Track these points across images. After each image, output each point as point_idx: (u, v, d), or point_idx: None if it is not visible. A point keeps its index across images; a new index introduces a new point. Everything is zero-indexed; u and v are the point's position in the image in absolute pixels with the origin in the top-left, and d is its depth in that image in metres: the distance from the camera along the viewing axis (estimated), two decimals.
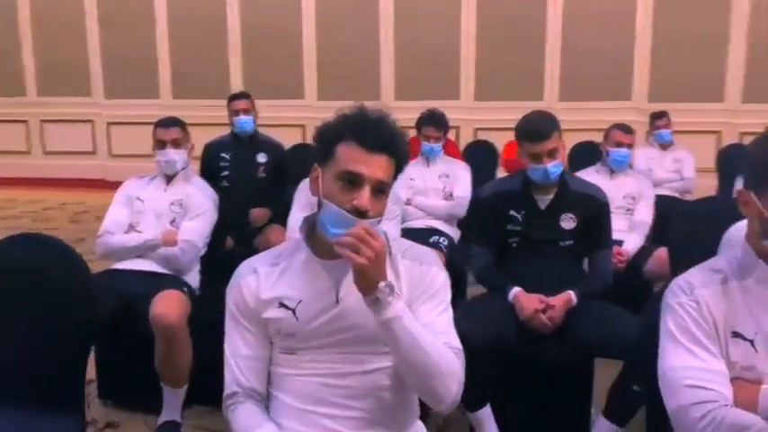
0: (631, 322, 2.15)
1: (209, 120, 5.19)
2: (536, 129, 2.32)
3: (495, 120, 6.96)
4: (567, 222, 2.36)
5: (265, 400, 1.40)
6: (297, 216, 2.65)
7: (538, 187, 2.37)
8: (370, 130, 1.29)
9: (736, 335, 1.23)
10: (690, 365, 1.22)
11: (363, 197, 1.25)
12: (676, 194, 4.56)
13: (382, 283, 1.21)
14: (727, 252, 1.38)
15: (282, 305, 1.35)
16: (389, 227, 2.58)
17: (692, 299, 1.26)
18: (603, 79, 7.32)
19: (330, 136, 1.33)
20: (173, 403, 2.37)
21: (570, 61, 7.42)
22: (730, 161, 5.22)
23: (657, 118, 4.89)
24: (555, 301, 2.23)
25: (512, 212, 2.39)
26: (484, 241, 2.48)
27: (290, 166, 3.88)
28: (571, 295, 2.25)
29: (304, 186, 2.69)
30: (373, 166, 1.27)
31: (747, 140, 6.54)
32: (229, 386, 1.39)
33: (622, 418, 2.15)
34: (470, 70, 7.69)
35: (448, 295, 1.39)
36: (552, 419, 2.28)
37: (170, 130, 2.75)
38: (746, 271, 1.27)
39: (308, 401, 1.34)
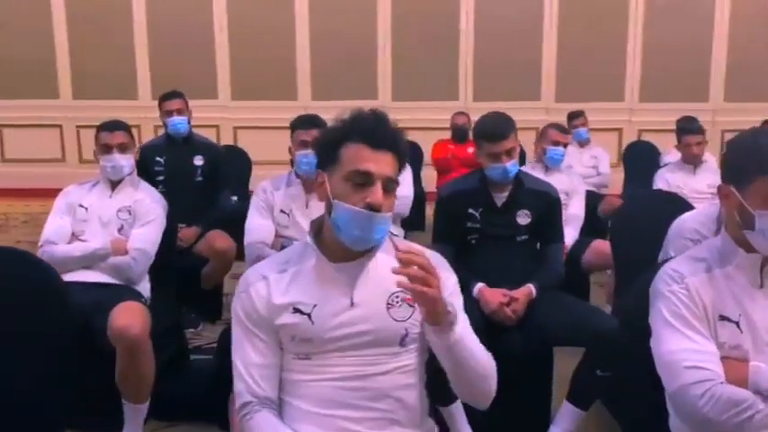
0: (591, 311, 2.28)
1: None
2: (495, 129, 2.42)
3: (415, 119, 7.08)
4: (523, 218, 2.47)
5: (278, 408, 1.38)
6: (257, 221, 2.60)
7: (495, 185, 2.46)
8: (374, 129, 1.31)
9: (723, 318, 1.36)
10: (686, 348, 1.33)
11: (376, 193, 1.28)
12: (594, 189, 4.85)
13: (451, 308, 1.25)
14: (707, 242, 1.51)
15: (297, 310, 1.34)
16: None
17: (682, 286, 1.37)
18: (514, 80, 7.65)
19: (333, 140, 1.34)
20: (135, 419, 2.26)
21: (483, 63, 7.70)
22: (635, 157, 5.63)
23: (575, 117, 5.17)
24: (517, 294, 2.33)
25: (470, 210, 2.48)
26: (445, 239, 2.55)
27: (227, 170, 3.79)
28: (531, 288, 2.36)
29: (263, 188, 2.65)
30: (381, 163, 1.29)
31: (646, 137, 7.08)
32: (242, 396, 1.36)
33: (586, 401, 2.28)
34: (387, 69, 7.79)
35: (460, 299, 1.43)
36: (517, 406, 2.38)
37: (116, 134, 2.62)
38: (727, 259, 1.39)
39: (326, 406, 1.34)
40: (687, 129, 3.87)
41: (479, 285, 2.36)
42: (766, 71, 7.49)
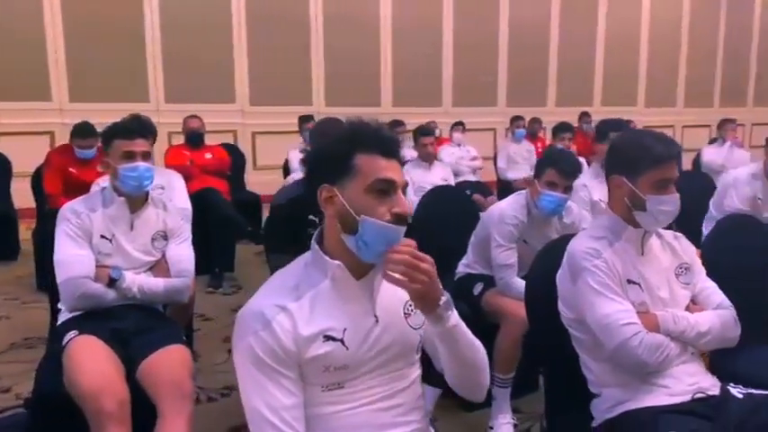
0: None
1: None
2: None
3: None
4: None
5: None
6: (71, 252, 2.11)
7: None
8: (383, 138, 1.28)
9: (630, 281, 1.70)
10: (617, 310, 1.63)
11: (404, 202, 1.26)
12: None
13: (443, 300, 1.24)
14: (596, 222, 1.85)
15: (329, 338, 1.24)
16: None
17: (601, 260, 1.67)
18: (206, 83, 7.53)
19: (342, 151, 1.26)
20: None
21: (173, 66, 7.40)
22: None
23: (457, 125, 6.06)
24: None
25: (310, 217, 2.46)
26: (285, 249, 2.47)
27: None
28: None
29: (73, 211, 2.17)
30: (396, 170, 1.27)
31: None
32: None
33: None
34: (62, 70, 6.91)
35: None
36: None
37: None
38: (617, 234, 1.74)
39: None
40: (423, 131, 4.43)
41: None
42: (428, 77, 8.93)
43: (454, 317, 1.27)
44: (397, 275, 1.19)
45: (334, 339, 1.24)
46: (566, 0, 9.80)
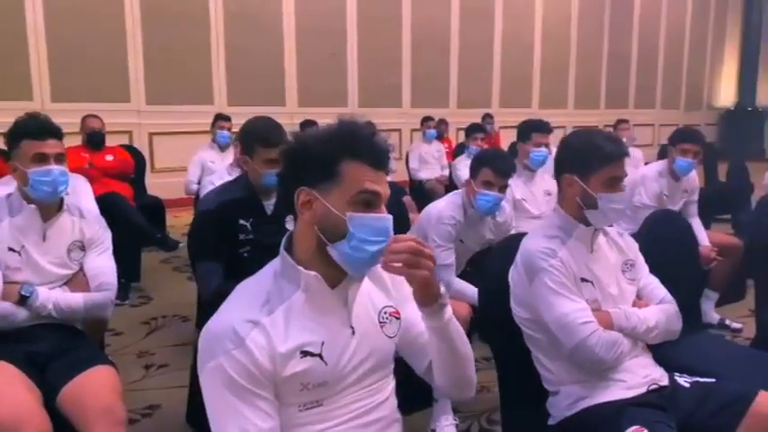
0: None
1: None
2: (272, 134, 2.32)
3: None
4: (291, 224, 2.44)
5: None
6: None
7: (263, 192, 2.37)
8: (374, 148, 1.19)
9: (583, 279, 1.72)
10: (575, 309, 1.64)
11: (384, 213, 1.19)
12: None
13: (443, 289, 1.19)
14: (547, 222, 1.85)
15: (306, 353, 1.15)
16: None
17: (557, 260, 1.68)
18: (97, 81, 7.08)
19: (329, 154, 1.16)
20: None
21: (60, 62, 6.87)
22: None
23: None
24: None
25: (241, 221, 2.34)
26: (214, 256, 2.33)
27: None
28: None
29: None
30: (382, 183, 1.19)
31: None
32: None
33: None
34: None
35: None
36: None
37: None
38: (569, 232, 1.76)
39: None
40: None
41: None
42: (334, 77, 8.83)
43: (449, 309, 1.23)
44: (398, 265, 1.12)
45: (312, 355, 1.15)
46: (465, 1, 10.06)
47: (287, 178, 1.22)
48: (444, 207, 2.61)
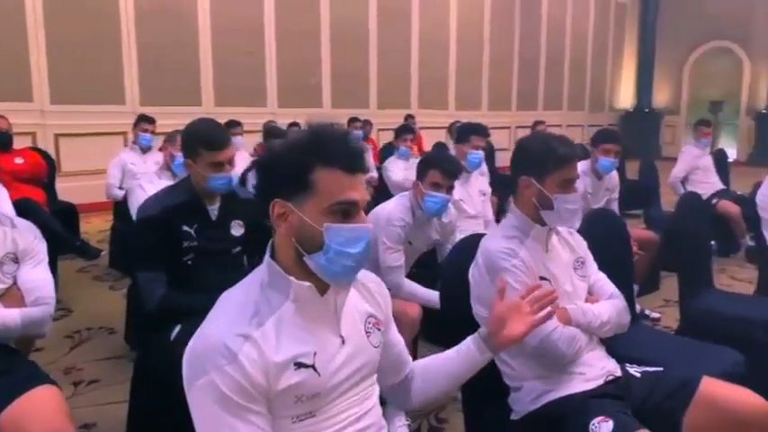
0: None
1: None
2: (217, 137, 2.25)
3: None
4: (237, 229, 2.39)
5: None
6: None
7: (207, 196, 2.30)
8: (347, 151, 1.15)
9: (542, 278, 1.77)
10: None
11: (365, 222, 1.17)
12: None
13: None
14: (504, 222, 1.89)
15: (300, 365, 1.12)
16: None
17: (519, 260, 1.73)
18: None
19: (299, 164, 1.12)
20: None
21: None
22: None
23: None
24: None
25: (185, 228, 2.25)
26: (156, 265, 2.23)
27: None
28: None
29: None
30: (359, 188, 1.17)
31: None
32: None
33: None
34: None
35: None
36: None
37: None
38: (526, 232, 1.82)
39: None
40: (276, 134, 4.27)
41: None
42: (252, 76, 8.64)
43: None
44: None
45: (305, 366, 1.12)
46: (382, 2, 10.13)
47: (261, 190, 1.18)
48: (393, 209, 2.62)
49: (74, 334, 3.54)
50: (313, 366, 1.13)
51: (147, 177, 3.44)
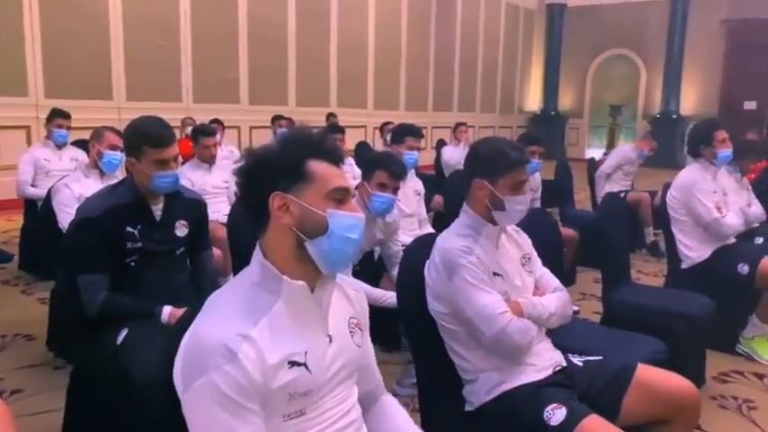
0: None
1: None
2: (162, 134, 2.19)
3: None
4: (181, 229, 2.34)
5: None
6: None
7: (151, 196, 2.24)
8: (332, 147, 1.25)
9: (495, 274, 1.86)
10: (492, 300, 1.78)
11: (357, 208, 1.26)
12: None
13: None
14: (458, 222, 1.96)
15: (293, 363, 1.14)
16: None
17: (474, 257, 1.81)
18: None
19: (293, 158, 1.19)
20: None
21: None
22: None
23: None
24: None
25: (129, 229, 2.19)
26: (98, 267, 2.15)
27: None
28: None
29: None
30: (346, 178, 1.26)
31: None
32: None
33: None
34: None
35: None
36: None
37: None
38: (478, 231, 1.90)
39: None
40: (204, 131, 4.17)
41: (167, 309, 2.15)
42: (166, 70, 8.35)
43: None
44: None
45: (298, 364, 1.15)
46: (301, 3, 10.07)
47: (254, 188, 1.20)
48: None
49: None
50: (305, 365, 1.16)
51: (73, 176, 3.28)
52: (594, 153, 10.04)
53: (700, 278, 3.28)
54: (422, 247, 1.98)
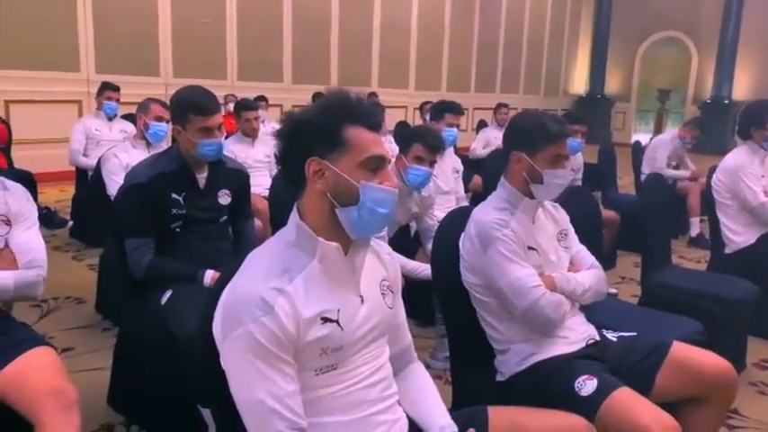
0: None
1: None
2: (207, 102, 2.25)
3: None
4: (224, 198, 2.41)
5: None
6: None
7: (196, 164, 2.31)
8: (368, 110, 1.25)
9: (529, 248, 1.87)
10: (526, 273, 1.79)
11: (392, 176, 1.26)
12: None
13: None
14: (495, 194, 1.97)
15: (326, 320, 1.19)
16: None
17: (509, 230, 1.82)
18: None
19: (331, 123, 1.21)
20: None
21: None
22: None
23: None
24: None
25: (174, 195, 2.26)
26: (144, 232, 2.24)
27: None
28: None
29: None
30: (383, 145, 1.26)
31: None
32: None
33: None
34: None
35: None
36: None
37: None
38: (515, 205, 1.91)
39: (359, 410, 1.25)
40: (247, 105, 4.24)
41: (210, 273, 2.22)
42: (212, 47, 8.45)
43: None
44: None
45: (330, 321, 1.19)
46: None
47: (292, 152, 1.23)
48: None
49: (41, 303, 3.48)
50: (337, 321, 1.20)
51: (121, 147, 3.39)
52: (641, 138, 9.81)
53: (744, 264, 3.21)
54: (457, 220, 2.00)
